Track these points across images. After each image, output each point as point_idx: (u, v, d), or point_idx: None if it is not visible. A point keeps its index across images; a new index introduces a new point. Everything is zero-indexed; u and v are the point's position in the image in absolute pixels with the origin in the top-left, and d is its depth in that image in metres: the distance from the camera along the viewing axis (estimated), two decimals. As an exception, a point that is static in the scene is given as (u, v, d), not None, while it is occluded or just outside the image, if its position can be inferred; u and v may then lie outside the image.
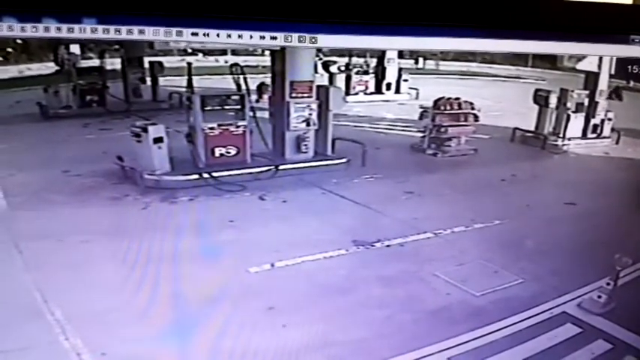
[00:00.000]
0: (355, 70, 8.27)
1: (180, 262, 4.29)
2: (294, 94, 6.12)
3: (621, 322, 4.00)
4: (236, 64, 6.26)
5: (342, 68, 8.13)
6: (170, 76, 6.94)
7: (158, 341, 3.60)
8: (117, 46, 6.85)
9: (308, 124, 6.28)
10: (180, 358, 3.56)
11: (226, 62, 6.54)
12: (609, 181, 5.86)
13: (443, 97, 6.96)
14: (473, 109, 6.96)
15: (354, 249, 4.87)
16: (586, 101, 7.22)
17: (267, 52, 6.28)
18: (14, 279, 3.97)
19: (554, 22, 2.82)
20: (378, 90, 8.36)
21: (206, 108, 5.96)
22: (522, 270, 4.61)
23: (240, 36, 2.65)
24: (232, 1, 2.54)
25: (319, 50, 6.66)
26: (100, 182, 5.44)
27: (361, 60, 8.28)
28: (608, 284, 4.25)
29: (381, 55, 8.20)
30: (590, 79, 7.10)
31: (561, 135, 7.20)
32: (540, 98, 7.29)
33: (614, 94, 7.34)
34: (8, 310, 3.61)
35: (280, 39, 2.69)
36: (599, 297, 4.25)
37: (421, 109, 7.05)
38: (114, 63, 6.99)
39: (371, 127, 7.34)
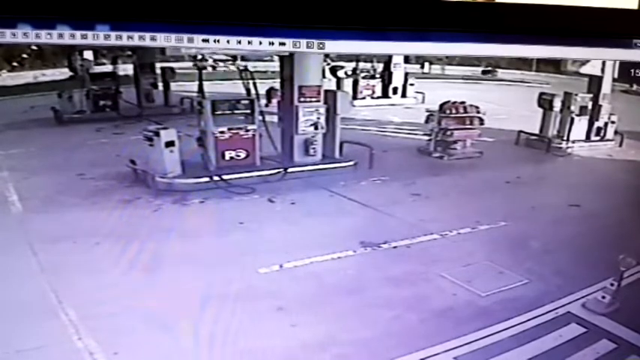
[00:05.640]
0: (362, 74, 8.28)
1: (190, 263, 4.35)
2: (302, 99, 6.13)
3: (625, 322, 4.02)
4: (245, 70, 6.30)
5: (350, 73, 8.14)
6: (181, 81, 6.96)
7: (164, 339, 3.67)
8: (129, 52, 6.87)
9: (316, 128, 6.28)
10: (189, 358, 3.63)
11: (236, 66, 6.56)
12: (613, 183, 5.81)
13: (449, 101, 6.94)
14: (478, 112, 6.91)
15: (362, 250, 4.88)
16: (590, 104, 7.17)
17: (276, 58, 6.32)
18: (29, 280, 4.04)
19: (559, 27, 2.86)
20: (385, 94, 8.35)
21: (216, 112, 6.00)
22: (527, 271, 4.61)
23: (249, 42, 2.72)
24: (242, 8, 2.61)
25: (327, 55, 6.68)
26: (113, 185, 5.47)
27: (368, 65, 8.30)
28: (612, 285, 4.27)
29: (387, 60, 8.19)
30: (594, 83, 7.04)
31: (565, 138, 7.14)
32: (544, 102, 7.22)
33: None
34: (23, 311, 3.68)
35: (289, 45, 2.75)
36: (604, 297, 4.27)
37: (427, 113, 7.03)
38: (126, 69, 6.97)
39: (378, 131, 7.30)
